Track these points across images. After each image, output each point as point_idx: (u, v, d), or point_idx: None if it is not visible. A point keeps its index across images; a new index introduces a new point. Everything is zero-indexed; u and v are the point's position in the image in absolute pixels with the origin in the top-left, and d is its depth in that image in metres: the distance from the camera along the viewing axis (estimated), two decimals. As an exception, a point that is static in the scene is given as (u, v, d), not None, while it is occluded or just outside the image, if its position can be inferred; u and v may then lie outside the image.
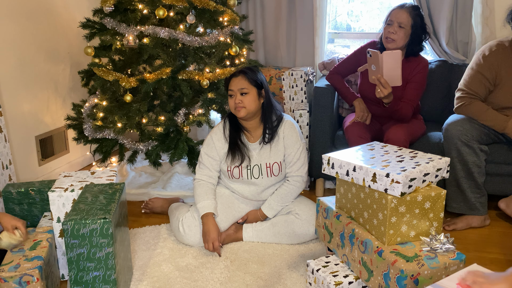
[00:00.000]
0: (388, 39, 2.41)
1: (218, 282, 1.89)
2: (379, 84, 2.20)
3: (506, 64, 2.28)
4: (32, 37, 2.79)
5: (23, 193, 2.03)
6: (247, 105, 2.10)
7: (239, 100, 2.09)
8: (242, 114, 2.11)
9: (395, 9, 2.42)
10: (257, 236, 2.21)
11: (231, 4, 2.67)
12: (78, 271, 1.62)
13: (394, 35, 2.39)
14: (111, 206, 1.66)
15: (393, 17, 2.40)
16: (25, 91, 2.75)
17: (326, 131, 2.65)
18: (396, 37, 2.39)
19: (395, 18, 2.39)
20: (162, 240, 2.25)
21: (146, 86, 2.52)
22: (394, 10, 2.42)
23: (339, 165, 1.69)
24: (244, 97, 2.10)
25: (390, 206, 1.51)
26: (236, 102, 2.10)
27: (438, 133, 2.56)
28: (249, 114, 2.13)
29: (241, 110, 2.10)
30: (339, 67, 2.70)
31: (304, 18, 3.27)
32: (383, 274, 1.51)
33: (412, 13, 2.39)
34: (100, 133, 2.70)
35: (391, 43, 2.41)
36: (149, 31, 2.51)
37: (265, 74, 3.26)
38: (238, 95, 2.10)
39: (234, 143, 2.19)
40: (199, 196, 2.19)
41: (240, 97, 2.10)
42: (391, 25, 2.40)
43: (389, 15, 2.44)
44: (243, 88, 2.10)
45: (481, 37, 2.89)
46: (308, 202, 2.24)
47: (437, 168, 1.61)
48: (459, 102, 2.35)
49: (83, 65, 3.12)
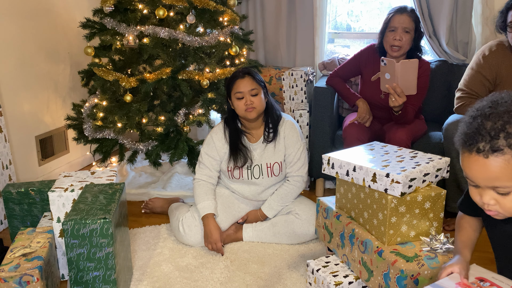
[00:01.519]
0: (393, 47, 2.36)
1: (218, 282, 1.89)
2: (394, 93, 2.16)
3: (506, 64, 2.28)
4: (32, 37, 2.79)
5: (23, 193, 2.03)
6: (258, 105, 2.10)
7: (251, 101, 2.08)
8: (254, 114, 2.10)
9: (396, 15, 2.36)
10: (257, 236, 2.21)
11: (231, 4, 2.67)
12: (78, 271, 1.62)
13: (400, 42, 2.34)
14: (111, 206, 1.66)
15: (395, 23, 2.35)
16: (25, 91, 2.75)
17: (326, 131, 2.65)
18: (402, 43, 2.35)
19: (399, 24, 2.34)
20: (162, 240, 2.25)
21: (146, 86, 2.52)
22: (395, 16, 2.36)
23: (339, 165, 1.69)
24: (255, 98, 2.09)
25: (390, 206, 1.51)
26: (248, 104, 2.08)
27: (438, 133, 2.56)
28: (259, 114, 2.13)
29: (253, 110, 2.09)
30: (339, 71, 2.67)
31: (304, 18, 3.27)
32: (383, 274, 1.51)
33: (413, 17, 2.37)
34: (100, 133, 2.70)
35: (397, 51, 2.37)
36: (149, 31, 2.51)
37: (265, 74, 3.26)
38: (248, 96, 2.08)
39: (235, 147, 2.18)
40: (199, 196, 2.19)
41: (251, 98, 2.08)
42: (395, 31, 2.35)
43: (389, 21, 2.38)
44: (253, 88, 2.09)
45: (481, 37, 2.89)
46: (308, 202, 2.24)
47: (437, 168, 1.61)
48: (459, 102, 2.35)
49: (83, 65, 3.12)
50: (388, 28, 2.38)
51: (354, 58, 2.64)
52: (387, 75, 2.16)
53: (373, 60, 2.54)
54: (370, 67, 2.54)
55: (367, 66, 2.56)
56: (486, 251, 2.16)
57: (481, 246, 2.20)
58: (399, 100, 2.17)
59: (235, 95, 2.10)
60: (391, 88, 2.15)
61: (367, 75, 2.56)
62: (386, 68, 2.16)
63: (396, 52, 2.37)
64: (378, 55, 2.52)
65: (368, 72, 2.55)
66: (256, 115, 2.11)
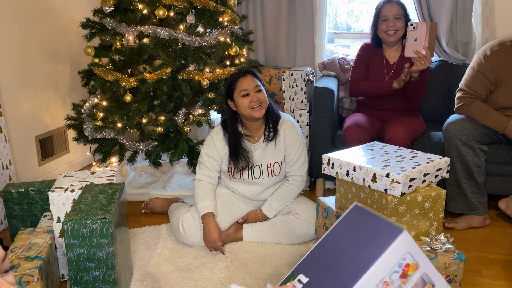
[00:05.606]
0: (389, 33, 2.51)
1: (218, 282, 1.89)
2: (423, 56, 2.20)
3: (507, 64, 2.28)
4: (32, 37, 2.79)
5: (23, 193, 2.03)
6: (264, 102, 2.09)
7: (257, 97, 2.07)
8: (261, 112, 2.09)
9: (385, 5, 2.52)
10: (257, 236, 2.21)
11: (231, 4, 2.67)
12: (78, 271, 1.62)
13: (395, 27, 2.49)
14: (111, 206, 1.66)
15: (386, 12, 2.51)
16: (25, 91, 2.75)
17: (326, 131, 2.65)
18: (397, 27, 2.49)
19: (389, 13, 2.50)
20: (162, 240, 2.25)
21: (146, 86, 2.52)
22: (385, 6, 2.52)
23: (339, 165, 1.69)
24: (260, 93, 2.09)
25: (390, 206, 1.51)
26: (255, 100, 2.06)
27: (438, 133, 2.56)
28: (265, 111, 2.12)
29: (260, 107, 2.08)
30: (356, 75, 2.66)
31: (304, 18, 3.27)
32: (383, 274, 1.51)
33: (400, 4, 2.53)
34: (100, 133, 2.70)
35: (393, 36, 2.51)
36: (149, 31, 2.51)
37: (265, 74, 3.26)
38: (253, 93, 2.07)
39: (236, 152, 2.17)
40: (199, 196, 2.19)
41: (257, 95, 2.08)
42: (387, 20, 2.50)
43: (379, 12, 2.54)
44: (257, 85, 2.09)
45: (481, 37, 2.89)
46: (308, 202, 2.24)
47: (437, 168, 1.61)
48: (460, 102, 2.35)
49: (83, 65, 3.12)
50: (380, 19, 2.54)
51: (359, 59, 2.69)
52: (415, 39, 2.21)
53: (371, 53, 2.66)
54: (375, 60, 2.66)
55: (372, 61, 2.67)
56: (486, 251, 2.16)
57: (481, 246, 2.20)
58: (427, 63, 2.22)
59: (240, 93, 2.08)
60: (419, 52, 2.19)
61: (372, 69, 2.65)
62: (414, 32, 2.20)
63: (392, 37, 2.52)
64: (373, 47, 2.65)
65: (374, 65, 2.65)
66: (263, 112, 2.10)
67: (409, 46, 2.22)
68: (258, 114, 2.08)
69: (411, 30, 2.19)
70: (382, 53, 2.62)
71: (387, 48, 2.61)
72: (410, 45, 2.22)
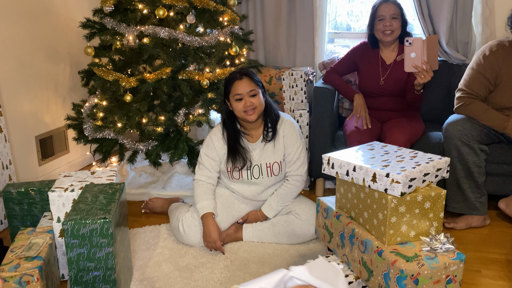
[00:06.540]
0: (386, 32, 2.50)
1: (218, 282, 1.89)
2: (422, 71, 2.20)
3: (506, 64, 2.28)
4: (32, 37, 2.79)
5: (23, 193, 2.03)
6: (258, 106, 2.09)
7: (251, 102, 2.07)
8: (255, 117, 2.09)
9: (382, 5, 2.51)
10: (257, 236, 2.21)
11: (231, 4, 2.67)
12: (78, 271, 1.62)
13: (391, 27, 2.48)
14: (111, 206, 1.66)
15: (382, 12, 2.50)
16: (25, 91, 2.75)
17: (326, 131, 2.65)
18: (393, 27, 2.49)
19: (386, 12, 2.49)
20: (162, 240, 2.25)
21: (146, 86, 2.52)
22: (381, 6, 2.51)
23: (339, 165, 1.69)
24: (254, 98, 2.08)
25: (390, 206, 1.51)
26: (248, 105, 2.07)
27: (438, 133, 2.56)
28: (259, 115, 2.12)
29: (253, 112, 2.08)
30: (336, 67, 2.74)
31: (304, 18, 3.27)
32: (383, 274, 1.51)
33: (396, 4, 2.52)
34: (100, 133, 2.70)
35: (390, 35, 2.50)
36: (149, 31, 2.51)
37: (265, 74, 3.26)
38: (247, 98, 2.08)
39: (234, 149, 2.17)
40: (198, 196, 2.19)
41: (250, 99, 2.08)
42: (383, 19, 2.49)
43: (375, 12, 2.53)
44: (252, 90, 2.08)
45: (481, 37, 2.89)
46: (308, 202, 2.24)
47: (437, 168, 1.61)
48: (459, 102, 2.35)
49: (83, 65, 3.12)
50: (377, 18, 2.53)
51: (349, 55, 2.73)
52: (413, 54, 2.21)
53: (367, 53, 2.66)
54: (366, 60, 2.65)
55: (362, 59, 2.67)
56: (486, 251, 2.16)
57: (481, 246, 2.21)
58: (428, 76, 2.21)
59: (234, 97, 2.09)
60: (418, 66, 2.18)
61: (363, 67, 2.65)
62: (411, 47, 2.20)
63: (389, 37, 2.51)
64: (371, 47, 2.65)
65: (364, 64, 2.65)
66: (257, 117, 2.11)
67: (408, 61, 2.22)
68: (251, 118, 2.09)
69: (408, 46, 2.19)
70: (378, 53, 2.62)
71: (384, 48, 2.61)
72: (409, 60, 2.22)
